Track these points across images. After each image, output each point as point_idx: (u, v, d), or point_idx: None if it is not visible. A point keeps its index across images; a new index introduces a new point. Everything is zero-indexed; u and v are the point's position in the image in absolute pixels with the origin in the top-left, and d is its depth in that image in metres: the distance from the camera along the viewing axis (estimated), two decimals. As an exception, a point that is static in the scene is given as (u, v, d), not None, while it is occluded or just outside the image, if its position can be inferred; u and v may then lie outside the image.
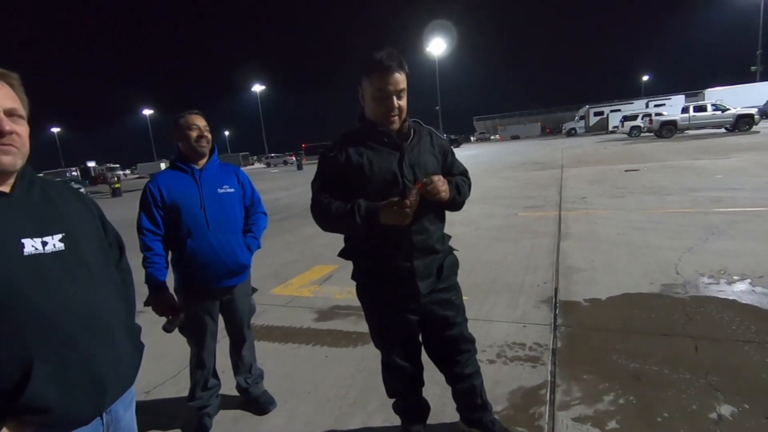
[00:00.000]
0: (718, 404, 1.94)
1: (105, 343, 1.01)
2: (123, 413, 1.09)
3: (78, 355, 0.94)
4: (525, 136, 54.86)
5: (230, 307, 2.12)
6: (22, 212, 0.94)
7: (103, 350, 1.00)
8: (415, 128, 1.61)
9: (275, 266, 5.06)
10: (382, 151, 1.53)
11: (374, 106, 1.51)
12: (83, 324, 0.96)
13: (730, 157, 10.94)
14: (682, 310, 2.92)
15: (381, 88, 1.46)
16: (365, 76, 1.50)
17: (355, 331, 3.09)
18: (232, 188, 2.06)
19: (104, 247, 1.13)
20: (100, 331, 1.00)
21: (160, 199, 1.92)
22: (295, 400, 2.32)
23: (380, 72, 1.45)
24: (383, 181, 1.50)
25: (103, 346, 1.00)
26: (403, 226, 1.47)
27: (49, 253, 0.93)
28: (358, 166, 1.51)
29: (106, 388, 1.00)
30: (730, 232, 4.56)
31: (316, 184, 1.60)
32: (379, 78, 1.46)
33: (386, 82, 1.45)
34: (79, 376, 0.94)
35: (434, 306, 1.63)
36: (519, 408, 2.08)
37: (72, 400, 0.93)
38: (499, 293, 3.54)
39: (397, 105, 1.49)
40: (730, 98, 24.17)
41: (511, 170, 13.76)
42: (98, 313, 1.00)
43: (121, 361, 1.06)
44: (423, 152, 1.58)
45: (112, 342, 1.03)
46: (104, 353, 1.00)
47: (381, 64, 1.44)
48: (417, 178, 1.51)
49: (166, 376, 2.70)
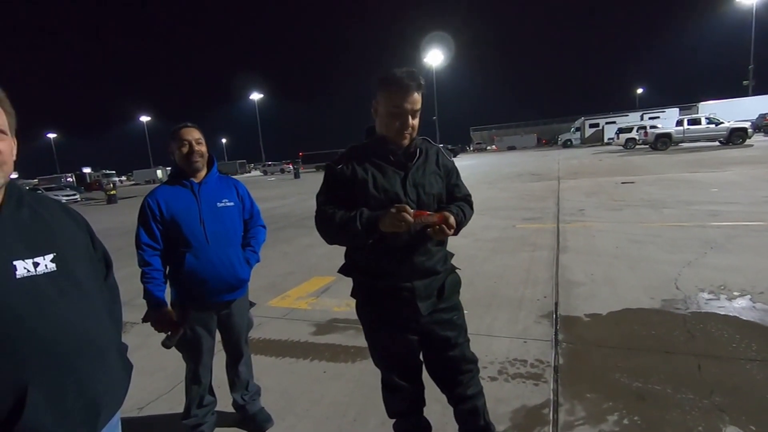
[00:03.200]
0: (724, 425, 1.91)
1: (99, 365, 0.97)
2: None
3: (73, 379, 0.91)
4: (521, 146, 55.18)
5: (228, 322, 2.08)
6: (12, 233, 0.90)
7: (98, 373, 0.97)
8: (422, 147, 1.59)
9: (272, 277, 5.01)
10: (387, 170, 1.52)
11: (388, 122, 1.50)
12: (78, 346, 0.93)
13: (725, 170, 11.04)
14: (684, 326, 2.90)
15: (398, 105, 1.46)
16: (383, 90, 1.49)
17: (354, 346, 3.04)
18: (231, 202, 2.03)
19: (94, 265, 1.10)
20: (94, 353, 0.96)
21: (159, 214, 1.88)
22: (293, 418, 2.27)
23: (400, 89, 1.45)
24: (386, 199, 1.48)
25: (97, 369, 0.97)
26: (405, 247, 1.47)
27: (41, 274, 0.90)
28: (362, 181, 1.50)
29: (99, 412, 0.97)
30: (728, 246, 4.57)
31: (322, 197, 1.59)
32: (397, 95, 1.46)
33: (404, 100, 1.46)
34: (74, 401, 0.91)
35: (435, 326, 1.60)
36: (522, 428, 2.04)
37: (66, 426, 0.89)
38: (499, 307, 3.51)
39: (411, 124, 1.49)
40: (724, 112, 24.52)
41: (509, 181, 13.81)
42: (92, 335, 0.97)
43: (113, 383, 1.03)
44: (428, 173, 1.57)
45: (105, 364, 1.00)
46: (98, 376, 0.97)
47: (402, 81, 1.45)
48: (420, 198, 1.50)
49: (160, 392, 2.64)
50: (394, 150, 1.52)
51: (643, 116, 34.83)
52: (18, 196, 0.96)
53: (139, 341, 3.31)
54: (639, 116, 35.61)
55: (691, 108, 33.74)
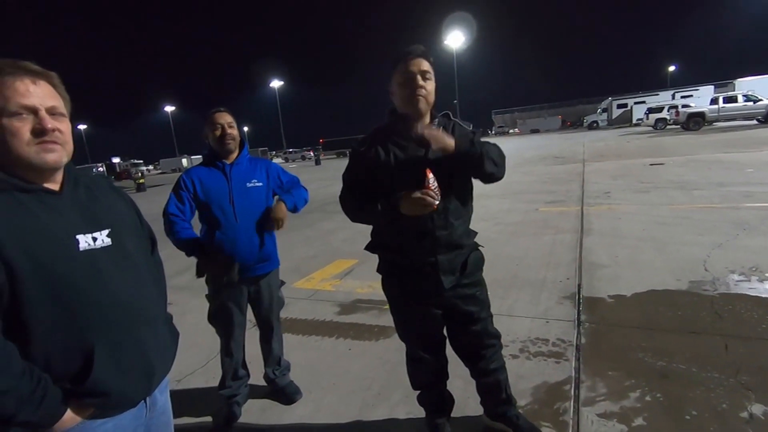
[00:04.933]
0: (750, 403, 1.90)
1: (151, 330, 1.07)
2: (159, 396, 1.15)
3: (131, 341, 1.00)
4: (545, 129, 53.80)
5: (258, 297, 2.18)
6: (73, 210, 0.98)
7: (151, 337, 1.06)
8: (441, 124, 1.62)
9: (296, 260, 5.14)
10: (408, 148, 1.55)
11: (401, 93, 1.54)
12: (132, 313, 1.02)
13: (762, 150, 10.53)
14: (711, 307, 2.85)
15: (405, 71, 1.51)
16: (393, 69, 1.55)
17: (377, 325, 3.13)
18: (260, 182, 2.13)
19: (143, 240, 1.18)
20: (146, 319, 1.06)
21: (192, 189, 2.02)
22: (320, 391, 2.38)
23: (405, 59, 1.52)
24: (408, 178, 1.51)
25: (149, 334, 1.06)
26: (428, 221, 1.51)
27: (99, 248, 0.98)
28: (384, 162, 1.55)
29: (154, 372, 1.07)
30: (762, 228, 4.41)
31: (347, 176, 1.66)
32: (403, 64, 1.52)
33: (410, 65, 1.51)
34: (134, 360, 1.01)
35: (458, 301, 1.65)
36: (543, 403, 2.08)
37: (127, 383, 0.99)
38: (520, 289, 3.52)
39: (421, 85, 1.51)
40: (763, 88, 23.13)
41: (532, 165, 13.55)
42: (144, 303, 1.06)
43: (163, 348, 1.12)
44: None
45: (156, 330, 1.09)
46: (151, 340, 1.06)
47: (404, 52, 1.53)
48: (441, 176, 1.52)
49: (195, 366, 2.80)
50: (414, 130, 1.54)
51: (675, 95, 33.38)
52: (75, 176, 1.05)
53: (174, 319, 3.49)
54: (670, 95, 34.14)
55: (727, 85, 31.93)
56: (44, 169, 0.95)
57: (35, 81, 0.95)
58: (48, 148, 0.94)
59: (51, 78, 1.00)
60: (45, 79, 0.98)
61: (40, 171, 0.95)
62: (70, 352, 0.92)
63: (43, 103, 0.94)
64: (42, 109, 0.94)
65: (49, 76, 0.99)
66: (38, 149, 0.93)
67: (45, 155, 0.94)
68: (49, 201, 0.95)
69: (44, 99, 0.95)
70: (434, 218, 1.53)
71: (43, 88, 0.96)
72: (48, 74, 0.99)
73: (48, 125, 0.94)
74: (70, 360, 0.92)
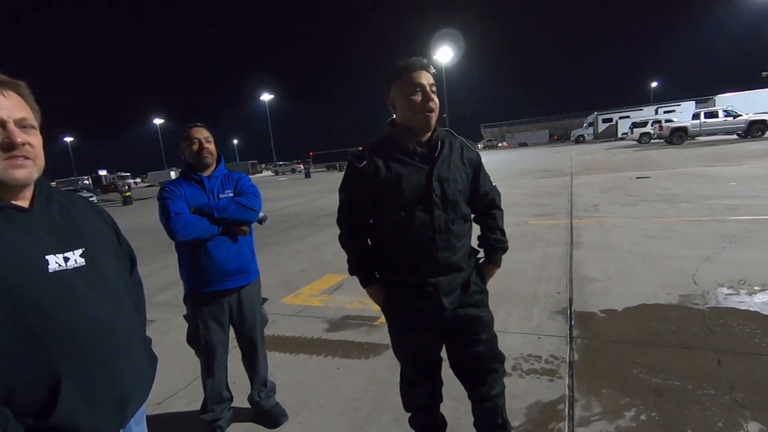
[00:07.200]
0: (746, 422, 1.87)
1: (127, 358, 1.00)
2: (134, 427, 1.08)
3: (104, 370, 0.93)
4: (533, 143, 54.56)
5: (239, 313, 2.11)
6: (43, 228, 0.92)
7: (126, 365, 0.99)
8: (445, 139, 1.55)
9: (285, 275, 5.05)
10: (411, 165, 1.49)
11: (411, 103, 1.47)
12: (107, 339, 0.95)
13: (743, 164, 10.77)
14: (703, 322, 2.84)
15: (414, 83, 1.47)
16: (395, 81, 1.51)
17: (367, 342, 3.05)
18: (232, 193, 2.13)
19: (120, 260, 1.12)
20: (122, 345, 0.98)
21: (183, 195, 1.99)
22: (308, 413, 2.29)
23: (413, 71, 1.48)
24: (411, 197, 1.47)
25: (125, 361, 0.99)
26: (429, 243, 1.48)
27: (71, 269, 0.91)
28: (386, 180, 1.48)
29: (129, 403, 1.00)
30: (748, 241, 4.46)
31: (343, 193, 1.61)
32: (412, 76, 1.47)
33: (419, 77, 1.47)
34: (105, 391, 0.93)
35: (459, 321, 1.57)
36: (537, 423, 2.02)
37: (98, 417, 0.92)
38: (512, 303, 3.48)
39: (432, 97, 1.47)
40: (742, 104, 23.85)
41: (520, 178, 13.67)
42: (120, 328, 0.99)
43: (140, 375, 1.05)
44: (453, 167, 1.53)
45: (132, 356, 1.02)
46: (127, 368, 0.99)
47: (410, 64, 1.49)
48: (445, 193, 1.48)
49: (177, 388, 2.68)
50: (419, 141, 1.50)
51: (658, 110, 34.16)
52: (48, 192, 0.98)
53: (156, 338, 3.33)
54: (654, 110, 34.94)
55: (707, 101, 32.84)
56: (12, 186, 0.89)
57: (2, 91, 0.89)
58: (17, 163, 0.88)
59: (19, 88, 0.93)
60: (13, 89, 0.92)
61: (8, 187, 0.89)
62: (35, 383, 0.84)
63: (11, 115, 0.88)
64: (10, 121, 0.88)
65: (17, 86, 0.93)
66: (6, 165, 0.87)
67: (14, 171, 0.88)
68: (16, 219, 0.88)
69: (12, 111, 0.89)
70: (437, 240, 1.48)
71: (11, 98, 0.90)
72: (16, 84, 0.93)
73: (17, 139, 0.88)
74: (34, 392, 0.84)
